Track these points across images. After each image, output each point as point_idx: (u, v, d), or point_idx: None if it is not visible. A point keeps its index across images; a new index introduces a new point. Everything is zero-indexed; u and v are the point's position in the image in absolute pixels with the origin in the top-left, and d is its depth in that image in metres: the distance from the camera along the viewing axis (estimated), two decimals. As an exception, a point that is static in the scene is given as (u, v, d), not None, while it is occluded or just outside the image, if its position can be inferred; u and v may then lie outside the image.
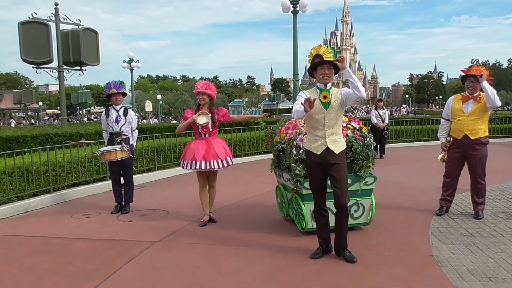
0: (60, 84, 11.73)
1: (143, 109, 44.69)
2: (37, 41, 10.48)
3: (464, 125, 5.26)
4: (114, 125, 5.92)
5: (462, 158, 5.40)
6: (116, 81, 5.95)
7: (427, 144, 14.76)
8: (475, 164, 5.29)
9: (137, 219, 5.75)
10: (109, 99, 6.06)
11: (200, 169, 5.13)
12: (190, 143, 5.35)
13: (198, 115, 5.13)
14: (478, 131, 5.22)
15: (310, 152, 4.01)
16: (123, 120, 5.96)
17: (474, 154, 5.26)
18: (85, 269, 4.02)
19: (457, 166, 5.48)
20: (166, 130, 11.54)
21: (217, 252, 4.39)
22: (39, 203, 6.56)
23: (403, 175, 8.71)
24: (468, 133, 5.25)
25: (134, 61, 25.60)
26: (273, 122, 11.58)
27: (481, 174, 5.31)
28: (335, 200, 3.96)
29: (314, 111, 3.85)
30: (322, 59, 3.90)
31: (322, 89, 3.95)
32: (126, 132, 5.98)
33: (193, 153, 5.16)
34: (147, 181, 8.58)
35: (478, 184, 5.34)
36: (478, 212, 5.35)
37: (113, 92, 5.90)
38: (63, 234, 5.17)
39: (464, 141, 5.29)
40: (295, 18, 13.58)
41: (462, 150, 5.35)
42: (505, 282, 3.47)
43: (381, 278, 3.63)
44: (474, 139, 5.22)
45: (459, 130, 5.32)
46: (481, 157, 5.25)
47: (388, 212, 5.68)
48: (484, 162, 5.29)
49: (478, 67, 5.29)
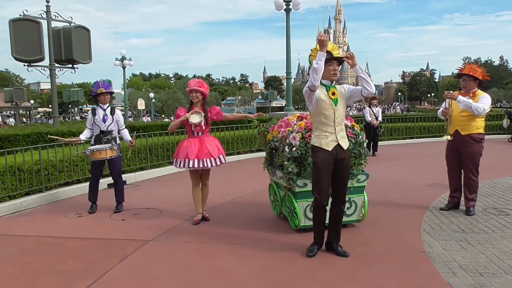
0: (52, 82, 11.64)
1: (135, 107, 44.46)
2: (29, 38, 10.39)
3: (456, 121, 5.34)
4: (101, 124, 5.89)
5: (456, 153, 5.45)
6: (105, 80, 5.95)
7: (420, 141, 14.87)
8: (466, 159, 5.35)
9: (130, 217, 5.74)
10: (96, 98, 6.04)
11: (193, 167, 5.13)
12: (182, 142, 5.34)
13: (191, 113, 5.12)
14: (470, 127, 5.26)
15: (320, 149, 3.90)
16: (110, 119, 5.95)
17: (465, 149, 5.31)
18: (78, 268, 4.01)
19: (453, 160, 5.54)
20: (159, 129, 11.51)
21: (210, 250, 4.40)
22: (31, 202, 6.52)
23: (395, 172, 8.77)
24: (459, 129, 5.32)
25: (127, 59, 25.42)
26: (266, 120, 11.59)
27: (472, 170, 5.35)
28: (337, 195, 3.99)
29: (324, 107, 3.85)
30: (332, 56, 3.87)
31: (329, 86, 3.94)
32: (113, 132, 5.98)
33: (186, 151, 5.15)
34: (140, 179, 8.55)
35: (470, 180, 5.39)
36: (469, 208, 5.40)
37: (101, 91, 5.88)
38: (56, 233, 5.14)
39: (455, 136, 5.36)
40: (288, 16, 13.57)
41: (455, 144, 5.42)
42: (496, 277, 3.51)
43: (374, 274, 3.66)
44: (465, 134, 5.28)
45: (452, 125, 5.39)
46: (472, 153, 5.29)
47: (381, 209, 5.71)
48: (476, 159, 5.33)
49: (471, 66, 5.36)
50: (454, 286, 3.35)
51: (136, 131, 8.82)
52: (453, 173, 5.60)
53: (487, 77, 5.38)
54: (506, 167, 8.94)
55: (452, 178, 5.62)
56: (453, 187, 5.63)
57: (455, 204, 5.63)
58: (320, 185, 3.94)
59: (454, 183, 5.61)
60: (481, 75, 5.27)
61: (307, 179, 4.61)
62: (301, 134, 4.64)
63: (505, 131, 15.82)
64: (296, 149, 4.58)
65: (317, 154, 3.93)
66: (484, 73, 5.31)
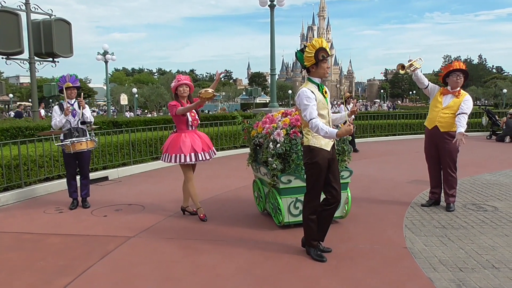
0: (32, 76, 11.41)
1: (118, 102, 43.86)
2: (7, 31, 10.15)
3: (437, 117, 5.40)
4: (71, 119, 5.81)
5: (434, 148, 5.52)
6: (72, 75, 5.88)
7: (402, 138, 15.05)
8: (444, 155, 5.43)
9: (112, 214, 5.66)
10: (61, 93, 5.94)
11: (203, 160, 5.19)
12: (179, 136, 5.17)
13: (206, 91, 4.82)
14: (449, 125, 5.32)
15: (321, 150, 3.78)
16: (79, 114, 5.88)
17: (443, 146, 5.39)
18: (58, 265, 3.94)
19: (430, 155, 5.62)
20: (142, 124, 11.38)
21: (193, 247, 4.37)
22: (9, 198, 6.38)
23: (378, 169, 8.86)
24: (438, 125, 5.39)
25: (109, 54, 25.04)
26: (250, 116, 11.57)
27: (451, 166, 5.44)
28: (335, 195, 3.86)
29: (320, 107, 3.75)
30: (328, 54, 3.78)
31: (321, 85, 3.86)
32: (83, 125, 5.92)
33: (189, 145, 5.10)
34: (122, 175, 8.45)
35: (449, 176, 5.47)
36: (449, 204, 5.49)
37: (68, 85, 5.80)
38: (35, 229, 5.04)
39: (434, 132, 5.43)
40: (272, 12, 13.55)
41: (433, 140, 5.49)
42: (475, 271, 3.58)
43: (357, 270, 3.69)
44: (444, 131, 5.36)
45: (432, 120, 5.47)
46: (450, 149, 5.36)
47: (363, 205, 5.77)
48: (454, 155, 5.40)
49: (458, 62, 5.47)
50: (435, 281, 3.40)
51: (118, 126, 8.71)
52: (432, 169, 5.68)
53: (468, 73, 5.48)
54: (484, 164, 9.14)
55: (432, 174, 5.71)
56: (433, 183, 5.72)
57: (436, 200, 5.72)
58: (318, 187, 3.86)
59: (434, 179, 5.70)
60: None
61: (291, 176, 4.61)
62: (285, 131, 4.64)
63: (484, 128, 16.16)
64: (280, 146, 4.58)
65: (317, 154, 3.77)
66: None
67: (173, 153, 5.13)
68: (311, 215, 3.92)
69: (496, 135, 14.64)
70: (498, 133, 14.56)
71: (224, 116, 13.78)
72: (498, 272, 3.56)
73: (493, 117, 15.47)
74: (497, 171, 8.24)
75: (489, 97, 66.03)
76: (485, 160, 9.66)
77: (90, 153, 6.12)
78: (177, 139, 5.18)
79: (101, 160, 8.29)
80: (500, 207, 5.60)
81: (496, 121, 15.26)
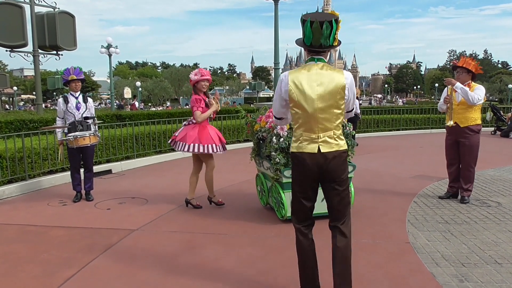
0: (36, 68, 11.43)
1: (121, 95, 43.89)
2: (11, 23, 10.16)
3: (454, 113, 5.45)
4: (75, 112, 5.79)
5: (456, 145, 5.58)
6: (76, 67, 5.85)
7: (406, 133, 15.01)
8: (464, 151, 5.49)
9: (116, 207, 5.68)
10: (66, 85, 5.94)
11: (222, 151, 5.39)
12: (204, 127, 5.32)
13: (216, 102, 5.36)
14: (468, 119, 5.40)
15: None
16: (84, 107, 5.87)
17: (464, 142, 5.45)
18: (61, 257, 3.96)
19: (452, 153, 5.66)
20: (145, 118, 11.40)
21: (196, 240, 4.39)
22: (14, 191, 6.41)
23: (381, 163, 8.84)
24: (457, 121, 5.44)
25: (113, 47, 25.00)
26: (254, 111, 11.56)
27: (470, 162, 5.51)
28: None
29: None
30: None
31: None
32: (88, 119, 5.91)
33: (217, 136, 5.36)
34: (126, 169, 8.47)
35: (467, 171, 5.54)
36: (464, 197, 5.56)
37: (72, 78, 5.78)
38: (39, 222, 5.07)
39: (454, 129, 5.49)
40: (276, 5, 13.49)
41: (453, 137, 5.56)
42: (477, 267, 3.57)
43: (359, 265, 3.69)
44: (464, 127, 5.40)
45: (451, 117, 5.49)
46: (471, 145, 5.43)
47: (366, 200, 5.76)
48: (475, 151, 5.48)
49: (465, 59, 5.48)
50: (437, 277, 3.40)
51: (122, 120, 8.72)
52: (453, 166, 5.72)
53: (480, 70, 5.48)
54: (488, 159, 9.08)
55: (451, 170, 5.75)
56: (452, 177, 5.77)
57: (454, 193, 5.78)
58: None
59: (453, 174, 5.74)
60: (474, 68, 5.38)
61: (294, 170, 4.60)
62: (289, 125, 4.63)
63: (489, 124, 16.07)
64: (283, 140, 4.57)
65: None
66: (477, 66, 5.43)
67: (205, 143, 5.26)
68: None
69: (500, 131, 14.56)
70: (503, 129, 14.49)
71: (227, 110, 13.78)
72: (501, 268, 3.55)
73: (498, 113, 15.38)
74: (501, 167, 8.21)
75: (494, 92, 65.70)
76: (489, 156, 9.61)
77: (94, 147, 6.13)
78: (204, 130, 5.31)
79: (104, 154, 8.31)
80: (503, 202, 5.58)
81: (501, 117, 15.18)
